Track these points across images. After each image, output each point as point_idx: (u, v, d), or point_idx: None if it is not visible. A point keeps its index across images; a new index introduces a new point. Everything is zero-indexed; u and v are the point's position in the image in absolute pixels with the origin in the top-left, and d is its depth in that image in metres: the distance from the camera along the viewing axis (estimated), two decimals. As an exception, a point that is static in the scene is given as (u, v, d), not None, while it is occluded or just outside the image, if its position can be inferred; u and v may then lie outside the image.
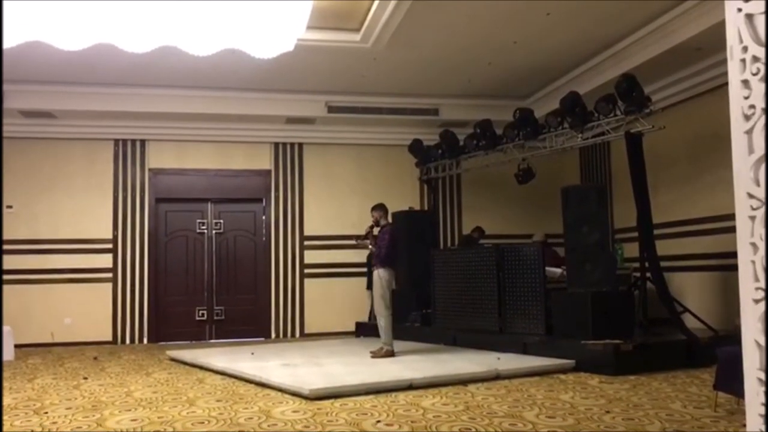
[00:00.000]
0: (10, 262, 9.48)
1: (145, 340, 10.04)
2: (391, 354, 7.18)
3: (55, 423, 4.46)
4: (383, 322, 7.26)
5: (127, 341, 9.99)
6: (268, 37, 6.53)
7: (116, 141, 10.25)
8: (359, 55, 8.44)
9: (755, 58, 2.38)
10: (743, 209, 2.42)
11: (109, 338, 9.93)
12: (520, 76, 9.48)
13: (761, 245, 2.34)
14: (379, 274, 7.28)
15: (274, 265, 10.61)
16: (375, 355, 7.19)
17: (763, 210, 2.34)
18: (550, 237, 9.73)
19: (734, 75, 2.47)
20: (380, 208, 7.60)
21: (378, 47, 8.07)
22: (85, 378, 6.48)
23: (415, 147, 10.50)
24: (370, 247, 7.56)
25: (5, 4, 5.62)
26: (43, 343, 9.54)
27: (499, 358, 6.70)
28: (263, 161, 10.74)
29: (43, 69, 8.61)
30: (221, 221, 10.68)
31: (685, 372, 6.14)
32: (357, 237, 8.12)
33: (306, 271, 10.68)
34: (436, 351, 7.63)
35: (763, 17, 2.36)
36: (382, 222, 7.55)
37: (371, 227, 7.65)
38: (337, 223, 10.72)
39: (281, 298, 10.57)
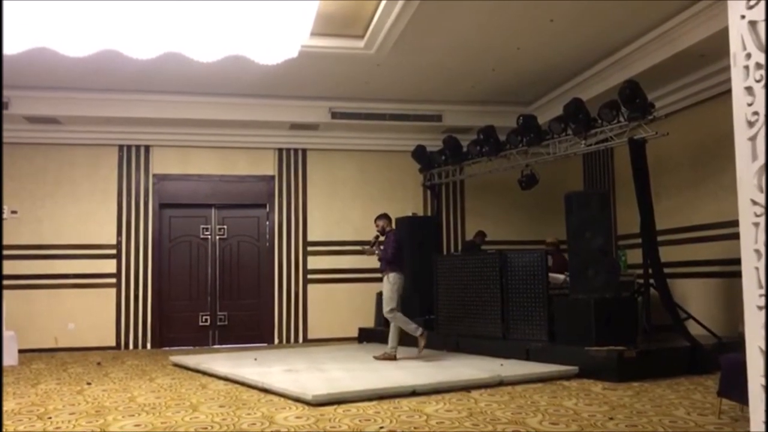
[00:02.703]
0: (14, 267, 9.50)
1: (149, 346, 10.04)
2: (392, 357, 7.25)
3: (58, 428, 4.47)
4: (393, 324, 7.40)
5: (131, 346, 9.99)
6: (272, 44, 6.55)
7: (120, 147, 10.27)
8: (363, 62, 8.46)
9: (758, 65, 2.39)
10: (746, 216, 2.42)
11: (113, 343, 9.93)
12: (524, 83, 9.49)
13: (764, 252, 2.33)
14: (390, 278, 7.45)
15: (277, 271, 10.61)
16: (378, 357, 7.34)
17: (765, 217, 2.34)
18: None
19: (737, 82, 2.48)
20: (384, 217, 7.81)
21: (381, 53, 8.09)
22: (89, 383, 6.49)
23: (419, 153, 10.51)
24: (377, 253, 7.68)
25: (10, 8, 5.66)
26: (47, 348, 9.55)
27: (502, 365, 6.69)
28: (267, 167, 10.76)
29: (48, 75, 8.65)
30: (225, 227, 10.69)
31: (689, 379, 6.12)
32: (364, 245, 8.18)
33: (309, 276, 10.67)
34: (439, 357, 7.62)
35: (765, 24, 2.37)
36: (387, 229, 7.74)
37: (377, 236, 7.76)
38: (340, 229, 10.73)
39: (284, 304, 10.56)
